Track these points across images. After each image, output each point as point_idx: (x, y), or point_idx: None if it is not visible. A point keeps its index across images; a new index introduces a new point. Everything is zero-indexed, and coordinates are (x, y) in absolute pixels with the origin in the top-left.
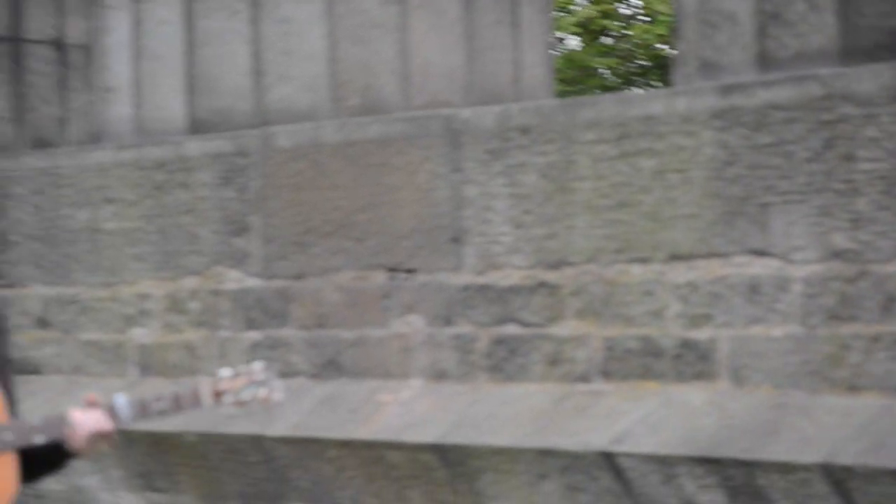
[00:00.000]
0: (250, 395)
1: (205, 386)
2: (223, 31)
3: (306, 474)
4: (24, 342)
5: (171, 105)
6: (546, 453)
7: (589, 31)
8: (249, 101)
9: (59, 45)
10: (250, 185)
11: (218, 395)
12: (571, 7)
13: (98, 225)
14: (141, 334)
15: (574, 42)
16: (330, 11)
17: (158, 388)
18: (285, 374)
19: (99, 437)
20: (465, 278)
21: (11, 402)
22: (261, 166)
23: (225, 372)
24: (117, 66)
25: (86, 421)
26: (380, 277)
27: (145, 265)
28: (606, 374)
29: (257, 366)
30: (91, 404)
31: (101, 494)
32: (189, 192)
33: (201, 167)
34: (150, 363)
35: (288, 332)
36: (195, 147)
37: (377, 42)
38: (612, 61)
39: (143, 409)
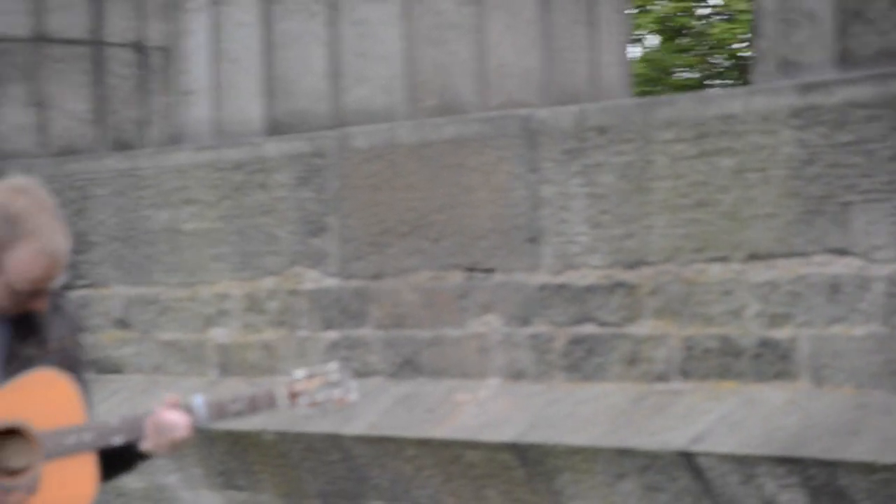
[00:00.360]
0: (325, 396)
1: (280, 387)
2: (301, 34)
3: (385, 473)
4: (105, 342)
5: (249, 107)
6: (624, 453)
7: (667, 28)
8: (326, 102)
9: (139, 48)
10: (327, 186)
11: (293, 396)
12: (650, 6)
13: (177, 226)
14: (220, 334)
15: (653, 41)
16: (406, 13)
17: (237, 387)
18: (363, 373)
19: (176, 437)
20: (542, 278)
21: (88, 401)
22: (338, 167)
23: (300, 373)
24: (196, 68)
25: (164, 421)
26: (457, 277)
27: (224, 265)
28: (685, 374)
29: (332, 366)
30: (170, 405)
31: (182, 493)
32: (267, 193)
33: (279, 168)
34: (229, 363)
35: (365, 332)
36: (273, 148)
37: (454, 43)
38: (691, 59)
39: (219, 410)
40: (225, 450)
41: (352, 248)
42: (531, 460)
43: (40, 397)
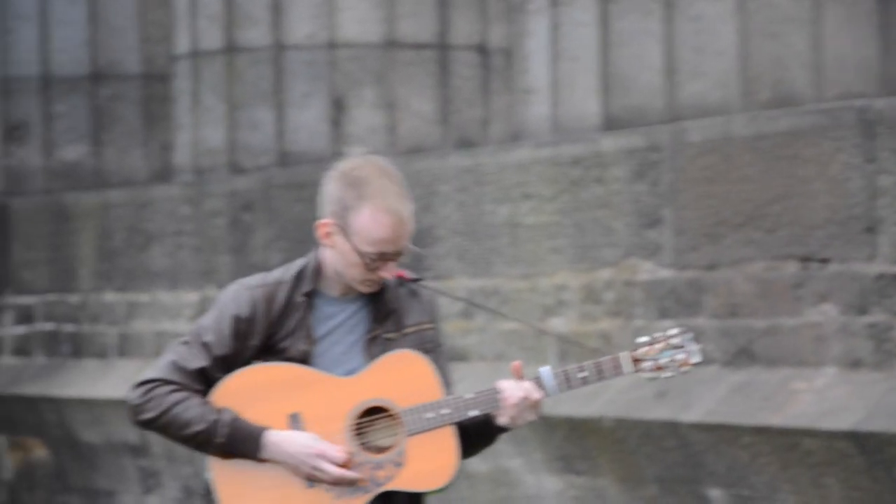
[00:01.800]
0: (668, 359)
1: (624, 354)
2: (637, 32)
3: (721, 460)
4: (451, 331)
5: (586, 104)
6: None
7: None
8: (662, 97)
9: (482, 50)
10: (662, 179)
11: (637, 361)
12: None
13: (517, 220)
14: (559, 323)
15: None
16: (742, 7)
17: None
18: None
19: (527, 406)
20: (879, 267)
21: (447, 383)
22: (673, 160)
23: (642, 339)
24: (536, 68)
25: (515, 390)
26: (792, 267)
27: (562, 257)
28: None
29: (674, 330)
30: (518, 375)
31: (525, 476)
32: (603, 187)
33: (615, 162)
34: (567, 351)
35: (700, 322)
36: (609, 143)
37: (789, 36)
38: None
39: (567, 380)
40: (564, 435)
41: (686, 239)
42: (871, 448)
43: (401, 376)
